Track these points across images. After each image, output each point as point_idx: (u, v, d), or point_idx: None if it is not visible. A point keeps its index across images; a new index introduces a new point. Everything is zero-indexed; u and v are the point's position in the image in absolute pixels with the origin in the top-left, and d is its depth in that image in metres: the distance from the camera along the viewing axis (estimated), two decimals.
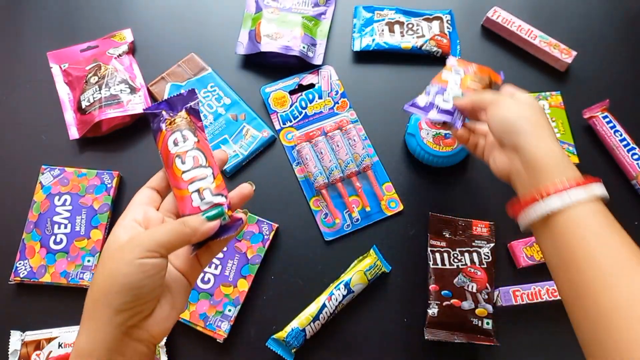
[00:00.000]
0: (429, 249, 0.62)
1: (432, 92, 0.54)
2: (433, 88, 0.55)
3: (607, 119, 0.66)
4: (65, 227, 0.61)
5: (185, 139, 0.37)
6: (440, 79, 0.55)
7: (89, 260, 0.60)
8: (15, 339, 0.57)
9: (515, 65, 0.73)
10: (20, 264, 0.60)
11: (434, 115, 0.53)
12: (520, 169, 0.44)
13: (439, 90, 0.54)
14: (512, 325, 0.60)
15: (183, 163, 0.36)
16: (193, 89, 0.40)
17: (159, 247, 0.33)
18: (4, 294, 0.60)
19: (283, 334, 0.57)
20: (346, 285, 0.59)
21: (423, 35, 0.72)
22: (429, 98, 0.54)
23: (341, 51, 0.73)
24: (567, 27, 0.74)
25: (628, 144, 0.65)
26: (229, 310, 0.58)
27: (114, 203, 0.63)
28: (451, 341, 0.57)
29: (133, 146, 0.68)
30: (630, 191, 0.65)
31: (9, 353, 0.56)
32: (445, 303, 0.59)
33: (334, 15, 0.75)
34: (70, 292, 0.60)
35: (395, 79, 0.71)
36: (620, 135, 0.65)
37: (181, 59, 0.71)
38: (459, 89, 0.53)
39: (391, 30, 0.72)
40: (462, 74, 0.54)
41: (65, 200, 0.62)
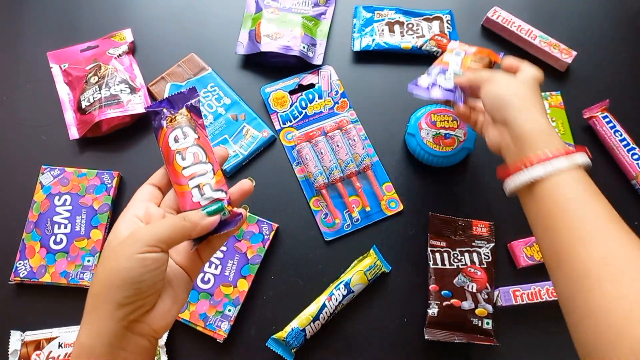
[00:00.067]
0: (429, 249, 0.62)
1: (434, 73, 0.56)
2: (435, 69, 0.57)
3: (607, 119, 0.66)
4: (65, 227, 0.61)
5: (185, 136, 0.37)
6: (442, 61, 0.57)
7: (89, 260, 0.60)
8: (15, 339, 0.57)
9: None
10: (20, 264, 0.60)
11: (437, 94, 0.55)
12: (509, 142, 0.46)
13: (440, 70, 0.56)
14: (512, 325, 0.60)
15: (183, 159, 0.37)
16: (194, 87, 0.40)
17: (159, 242, 0.33)
18: (4, 294, 0.61)
19: (283, 334, 0.57)
20: (346, 285, 0.59)
21: (423, 35, 0.72)
22: (430, 78, 0.56)
23: (341, 51, 0.73)
24: (567, 27, 0.74)
25: (628, 144, 0.65)
26: (229, 310, 0.58)
27: (114, 203, 0.63)
28: (451, 341, 0.57)
29: (133, 146, 0.68)
30: (630, 191, 0.65)
31: (9, 353, 0.56)
32: (445, 303, 0.59)
33: (334, 15, 0.75)
34: (70, 292, 0.60)
35: (395, 79, 0.71)
36: (620, 135, 0.65)
37: (181, 59, 0.71)
38: (459, 69, 0.55)
39: (391, 30, 0.72)
40: (463, 55, 0.56)
41: (66, 200, 0.62)
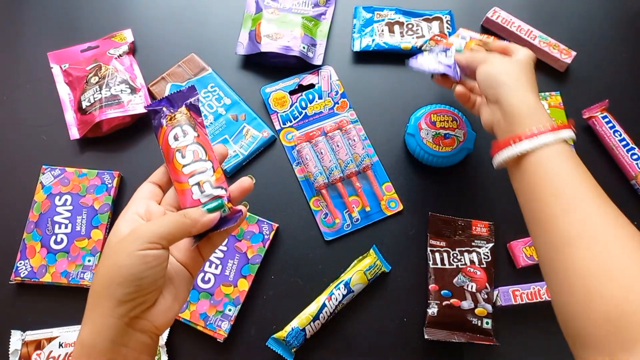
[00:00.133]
0: (429, 248, 0.62)
1: (436, 51, 0.58)
2: (437, 47, 0.59)
3: (607, 119, 0.66)
4: (66, 227, 0.61)
5: (185, 134, 0.38)
6: (447, 42, 0.59)
7: (89, 260, 0.60)
8: (16, 338, 0.57)
9: None
10: (20, 263, 0.60)
11: (436, 66, 0.57)
12: (501, 119, 0.48)
13: (442, 49, 0.58)
14: (512, 325, 0.60)
15: (183, 157, 0.37)
16: (193, 85, 0.40)
17: (159, 239, 0.33)
18: (5, 293, 0.61)
19: (283, 333, 0.57)
20: (346, 285, 0.59)
21: (423, 36, 0.72)
22: (432, 55, 0.58)
23: (341, 51, 0.73)
24: (567, 27, 0.74)
25: (627, 144, 0.65)
26: (229, 310, 0.58)
27: (114, 203, 0.64)
28: (451, 341, 0.57)
29: (133, 146, 0.68)
30: (630, 191, 0.65)
31: (10, 353, 0.57)
32: (444, 303, 0.59)
33: (333, 16, 0.75)
34: (70, 292, 0.60)
35: (395, 79, 0.71)
36: (620, 135, 0.65)
37: (181, 59, 0.71)
38: (462, 48, 0.57)
39: (391, 31, 0.73)
40: (468, 39, 0.58)
41: (66, 200, 0.62)
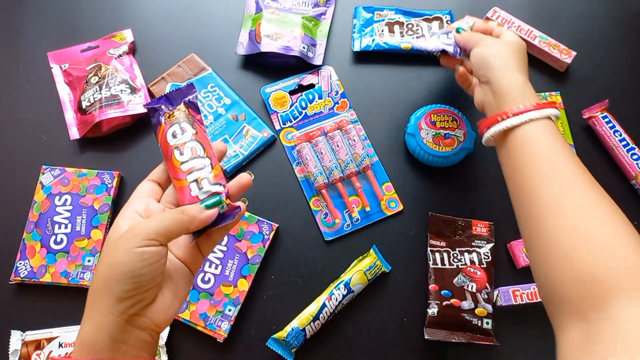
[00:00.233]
0: (429, 248, 0.62)
1: (439, 33, 0.60)
2: (441, 30, 0.61)
3: (607, 119, 0.66)
4: (66, 227, 0.61)
5: (183, 131, 0.38)
6: (451, 26, 0.60)
7: (89, 260, 0.60)
8: (16, 338, 0.57)
9: None
10: (20, 263, 0.60)
11: (437, 44, 0.58)
12: (491, 99, 0.51)
13: (445, 32, 0.60)
14: (512, 325, 0.60)
15: (181, 154, 0.37)
16: (191, 83, 0.41)
17: (158, 235, 0.33)
18: (5, 294, 0.61)
19: (283, 333, 0.57)
20: (346, 285, 0.59)
21: (423, 36, 0.72)
22: (435, 36, 0.60)
23: (341, 51, 0.73)
24: (567, 27, 0.74)
25: (627, 144, 0.65)
26: (229, 310, 0.58)
27: (114, 203, 0.64)
28: (451, 341, 0.57)
29: (133, 146, 0.68)
30: (630, 191, 0.65)
31: (10, 353, 0.56)
32: (445, 303, 0.59)
33: (333, 16, 0.75)
34: (70, 292, 0.60)
35: (395, 79, 0.71)
36: (620, 135, 0.65)
37: (181, 59, 0.71)
38: (462, 29, 0.59)
39: (391, 31, 0.73)
40: (472, 24, 0.59)
41: (66, 200, 0.62)
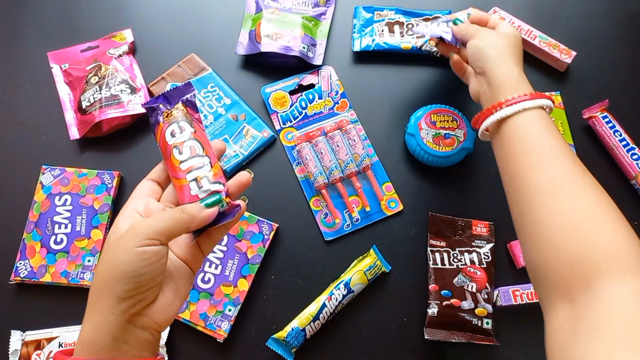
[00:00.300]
0: (429, 248, 0.62)
1: (439, 21, 0.62)
2: (441, 19, 0.63)
3: (607, 119, 0.66)
4: (66, 227, 0.61)
5: (182, 130, 0.38)
6: (452, 15, 0.62)
7: (89, 260, 0.60)
8: (16, 338, 0.57)
9: None
10: (20, 263, 0.60)
11: (436, 31, 0.61)
12: (487, 90, 0.52)
13: (445, 20, 0.61)
14: (512, 325, 0.60)
15: (180, 153, 0.37)
16: (189, 82, 0.40)
17: (158, 235, 0.33)
18: (5, 294, 0.61)
19: (283, 333, 0.57)
20: (346, 285, 0.59)
21: (423, 36, 0.72)
22: (434, 24, 0.62)
23: (341, 51, 0.73)
24: (567, 27, 0.74)
25: (627, 144, 0.65)
26: (229, 310, 0.58)
27: (114, 203, 0.63)
28: (451, 341, 0.57)
29: (133, 146, 0.68)
30: (630, 191, 0.65)
31: (10, 353, 0.56)
32: (445, 303, 0.59)
33: (333, 16, 0.75)
34: (70, 292, 0.60)
35: (395, 79, 0.71)
36: (620, 135, 0.65)
37: (181, 59, 0.71)
38: (461, 20, 0.60)
39: (391, 31, 0.73)
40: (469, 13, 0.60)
41: (66, 200, 0.62)
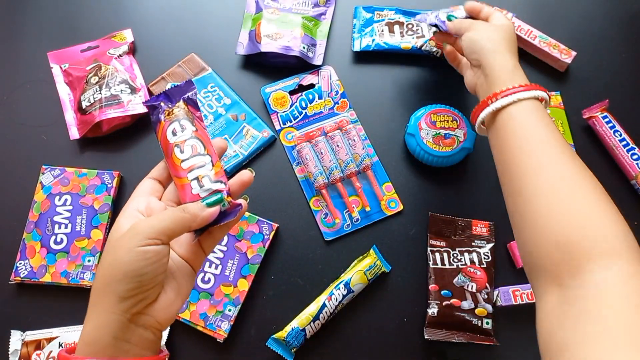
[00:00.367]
0: (429, 248, 0.62)
1: (438, 12, 0.62)
2: (440, 10, 0.63)
3: (607, 119, 0.66)
4: (66, 227, 0.61)
5: (183, 129, 0.37)
6: (452, 7, 0.62)
7: (89, 260, 0.60)
8: (16, 338, 0.57)
9: None
10: (20, 263, 0.60)
11: (434, 21, 0.61)
12: (483, 82, 0.52)
13: (445, 10, 0.62)
14: (512, 324, 0.60)
15: (182, 152, 0.37)
16: (190, 80, 0.40)
17: (159, 234, 0.33)
18: (5, 294, 0.61)
19: (283, 333, 0.57)
20: (346, 285, 0.59)
21: (423, 36, 0.72)
22: (433, 14, 0.63)
23: (341, 51, 0.73)
24: (567, 27, 0.74)
25: (627, 144, 0.65)
26: (229, 310, 0.58)
27: (114, 203, 0.63)
28: (451, 341, 0.57)
29: (133, 146, 0.68)
30: (630, 191, 0.65)
31: (10, 353, 0.56)
32: (445, 303, 0.59)
33: (333, 16, 0.75)
34: (70, 292, 0.60)
35: (395, 79, 0.71)
36: (620, 135, 0.65)
37: (181, 59, 0.71)
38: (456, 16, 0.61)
39: (391, 31, 0.73)
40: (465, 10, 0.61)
41: (66, 200, 0.62)
